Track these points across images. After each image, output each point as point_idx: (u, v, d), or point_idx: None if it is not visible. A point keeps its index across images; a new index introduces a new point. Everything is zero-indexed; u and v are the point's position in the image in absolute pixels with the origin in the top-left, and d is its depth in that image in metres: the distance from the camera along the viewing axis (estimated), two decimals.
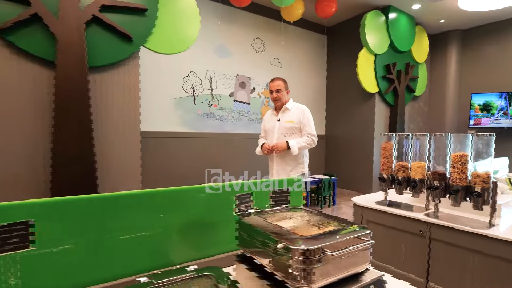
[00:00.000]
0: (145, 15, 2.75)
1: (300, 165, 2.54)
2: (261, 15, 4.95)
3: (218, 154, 4.62)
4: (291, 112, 2.53)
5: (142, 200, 0.86)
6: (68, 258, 0.73)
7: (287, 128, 2.50)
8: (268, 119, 2.69)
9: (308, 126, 2.50)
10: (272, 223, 0.81)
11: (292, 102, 2.60)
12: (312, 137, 2.50)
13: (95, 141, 2.55)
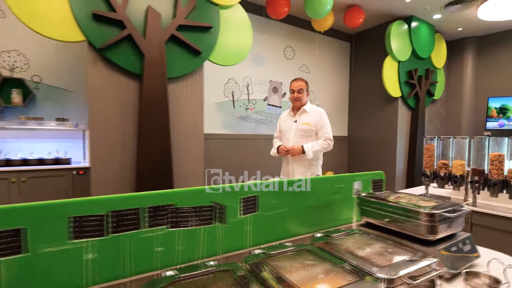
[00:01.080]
0: (210, 32, 3.16)
1: (314, 167, 2.54)
2: (292, 25, 5.33)
3: (253, 154, 5.01)
4: (309, 114, 2.50)
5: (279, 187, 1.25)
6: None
7: (304, 130, 2.48)
8: (284, 119, 2.66)
9: (325, 129, 2.48)
10: (397, 201, 1.20)
11: (310, 104, 2.58)
12: (328, 141, 2.48)
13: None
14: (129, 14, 2.69)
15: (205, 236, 0.96)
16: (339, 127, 6.31)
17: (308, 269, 0.84)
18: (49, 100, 3.52)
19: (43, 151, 3.33)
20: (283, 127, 2.62)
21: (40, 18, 2.39)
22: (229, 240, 1.02)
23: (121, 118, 2.79)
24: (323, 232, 1.14)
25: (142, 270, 0.86)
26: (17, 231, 0.71)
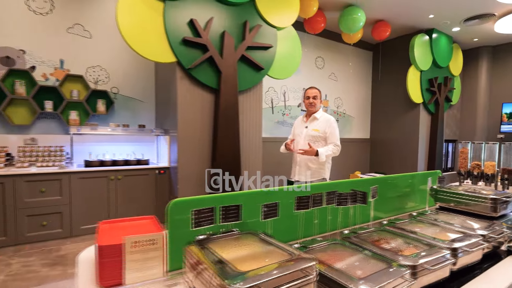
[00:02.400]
0: (269, 51, 3.67)
1: (321, 170, 2.66)
2: (323, 37, 5.83)
3: (290, 155, 5.51)
4: (319, 121, 2.67)
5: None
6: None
7: (313, 136, 2.64)
8: (298, 124, 2.87)
9: (334, 136, 2.61)
10: (466, 190, 1.70)
11: (321, 112, 2.74)
12: (337, 147, 2.62)
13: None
14: (209, 38, 3.21)
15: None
16: (362, 130, 6.81)
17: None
18: (125, 109, 4.06)
19: (123, 153, 3.85)
20: (296, 132, 2.82)
21: (144, 44, 2.91)
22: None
23: (200, 124, 3.31)
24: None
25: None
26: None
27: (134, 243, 1.03)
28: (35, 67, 3.51)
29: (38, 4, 3.50)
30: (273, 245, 0.91)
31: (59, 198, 3.09)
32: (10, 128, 3.39)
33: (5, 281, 2.38)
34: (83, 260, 1.27)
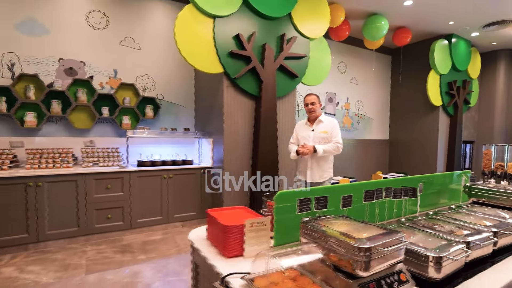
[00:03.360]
0: (303, 60, 4.00)
1: (329, 170, 2.86)
2: (345, 43, 6.12)
3: None
4: (325, 124, 2.79)
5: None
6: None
7: (322, 137, 2.76)
8: (301, 128, 2.95)
9: (336, 135, 2.76)
10: (497, 187, 2.00)
11: (324, 115, 2.88)
12: (337, 144, 2.74)
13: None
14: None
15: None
16: (381, 131, 7.07)
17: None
18: (169, 113, 4.44)
19: (168, 154, 4.24)
20: (300, 135, 2.91)
21: (197, 57, 3.27)
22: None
23: (242, 128, 3.66)
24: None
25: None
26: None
27: (251, 224, 1.38)
28: (93, 76, 3.92)
29: (96, 20, 3.90)
30: (365, 223, 1.24)
31: (121, 194, 3.49)
32: (73, 132, 3.81)
33: (87, 264, 2.78)
34: (194, 240, 1.62)
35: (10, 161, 3.27)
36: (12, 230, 2.98)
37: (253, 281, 1.09)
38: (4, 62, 3.43)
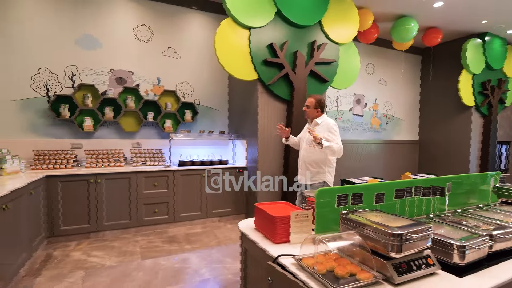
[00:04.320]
0: (332, 64, 4.18)
1: (321, 174, 2.75)
2: (373, 44, 6.18)
3: (341, 157, 5.94)
4: (320, 127, 2.76)
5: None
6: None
7: (312, 140, 2.70)
8: (304, 129, 2.99)
9: (335, 139, 2.68)
10: None
11: (324, 117, 2.81)
12: (337, 146, 2.66)
13: None
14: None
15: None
16: (410, 132, 7.02)
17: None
18: (205, 117, 4.79)
19: (204, 155, 4.58)
20: (301, 136, 2.98)
21: (234, 66, 3.56)
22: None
23: (275, 130, 3.91)
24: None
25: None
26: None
27: (296, 216, 1.62)
28: (140, 84, 4.35)
29: (142, 34, 4.33)
30: (396, 216, 1.44)
31: (166, 191, 3.87)
32: (122, 134, 4.25)
33: (141, 252, 3.16)
34: (244, 229, 1.89)
35: (73, 160, 3.75)
36: (77, 221, 3.44)
37: (301, 260, 1.33)
38: (67, 74, 3.93)
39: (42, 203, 3.14)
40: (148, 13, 4.34)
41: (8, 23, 3.60)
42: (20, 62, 3.68)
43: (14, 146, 3.55)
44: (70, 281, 2.52)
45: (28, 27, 3.70)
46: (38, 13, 3.74)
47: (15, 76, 3.66)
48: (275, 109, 3.90)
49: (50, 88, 3.84)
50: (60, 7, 3.84)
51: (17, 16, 3.64)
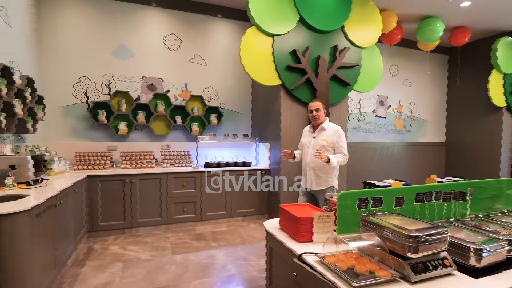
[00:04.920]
0: (354, 68, 4.23)
1: (329, 178, 2.73)
2: (397, 45, 6.11)
3: (364, 158, 5.95)
4: (326, 131, 2.72)
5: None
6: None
7: (321, 145, 2.69)
8: (305, 134, 2.90)
9: (342, 146, 2.67)
10: None
11: (328, 122, 2.78)
12: (345, 156, 2.68)
13: None
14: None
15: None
16: (436, 133, 6.86)
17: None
18: (229, 120, 4.99)
19: (228, 156, 4.78)
20: (304, 142, 2.86)
21: (258, 72, 3.71)
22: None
23: (297, 134, 4.01)
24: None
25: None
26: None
27: (319, 217, 1.74)
28: (169, 90, 4.62)
29: (171, 42, 4.59)
30: (414, 219, 1.53)
31: (193, 191, 4.09)
32: (153, 137, 4.54)
33: (172, 247, 3.39)
34: (269, 228, 2.03)
35: (109, 161, 4.06)
36: (113, 217, 3.74)
37: (324, 258, 1.46)
38: (104, 82, 4.26)
39: (84, 201, 3.45)
40: (176, 23, 4.60)
41: (55, 36, 3.98)
42: (64, 72, 4.05)
43: (59, 148, 3.92)
44: (111, 272, 2.78)
45: (71, 39, 4.06)
46: (79, 27, 4.10)
47: (59, 85, 4.03)
48: (297, 112, 4.02)
49: (89, 95, 4.19)
50: (98, 20, 4.18)
51: (62, 30, 4.01)
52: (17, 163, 2.67)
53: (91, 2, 4.14)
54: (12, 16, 3.20)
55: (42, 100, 3.59)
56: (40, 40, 3.92)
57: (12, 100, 2.79)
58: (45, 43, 3.94)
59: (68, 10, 4.04)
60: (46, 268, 2.27)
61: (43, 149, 3.41)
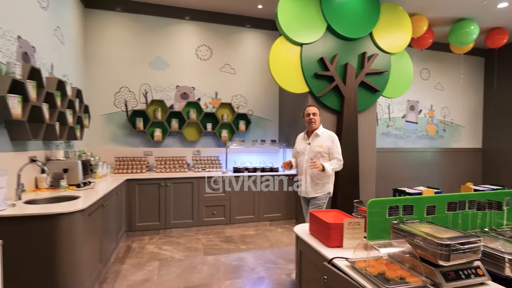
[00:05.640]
0: (383, 74, 4.20)
1: (327, 184, 2.76)
2: (428, 49, 5.95)
3: (393, 164, 5.82)
4: (321, 138, 2.75)
5: None
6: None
7: (316, 151, 2.72)
8: (299, 141, 2.92)
9: (337, 152, 2.72)
10: None
11: (322, 128, 2.82)
12: (340, 162, 2.72)
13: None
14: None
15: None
16: (472, 139, 6.55)
17: None
18: (257, 126, 5.13)
19: (255, 162, 4.90)
20: (299, 149, 2.87)
21: (286, 80, 3.81)
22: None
23: None
24: None
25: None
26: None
27: (349, 223, 1.80)
28: (200, 98, 4.85)
29: (203, 53, 4.83)
30: (446, 228, 1.55)
31: (223, 195, 4.26)
32: (185, 143, 4.78)
33: (204, 248, 3.56)
34: (299, 233, 2.11)
35: (145, 166, 4.34)
36: (149, 218, 3.99)
37: (354, 263, 1.52)
38: (141, 91, 4.57)
39: (124, 202, 3.72)
40: (208, 34, 4.83)
41: (100, 50, 4.36)
42: (107, 83, 4.41)
43: (101, 153, 4.25)
44: (149, 269, 2.99)
45: (114, 52, 4.42)
46: (121, 41, 4.45)
47: (102, 95, 4.39)
48: (324, 119, 4.05)
49: (128, 104, 4.51)
50: (138, 34, 4.51)
51: (105, 43, 4.38)
52: (69, 167, 2.97)
53: (131, 17, 4.48)
54: (65, 34, 3.57)
55: (88, 109, 3.93)
56: (87, 54, 4.30)
57: (65, 110, 3.11)
58: (91, 56, 4.33)
59: (111, 26, 4.41)
60: (94, 262, 2.50)
61: (88, 154, 3.73)
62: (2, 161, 2.29)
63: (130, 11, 4.47)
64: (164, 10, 4.59)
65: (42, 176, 2.81)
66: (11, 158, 2.43)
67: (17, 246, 1.93)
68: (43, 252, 1.99)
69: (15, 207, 2.09)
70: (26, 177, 2.67)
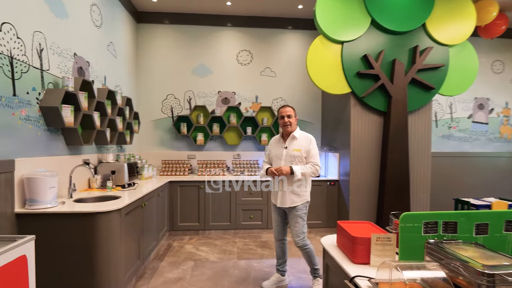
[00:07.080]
0: (440, 69, 3.72)
1: (304, 193, 2.56)
2: (501, 37, 5.11)
3: (457, 171, 5.11)
4: (298, 140, 2.54)
5: None
6: None
7: (294, 156, 2.51)
8: (274, 146, 2.67)
9: (313, 155, 2.51)
10: None
11: (299, 130, 2.62)
12: (316, 167, 2.49)
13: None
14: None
15: None
16: (499, 143, 5.41)
17: None
18: None
19: None
20: (273, 154, 2.64)
21: (326, 81, 3.62)
22: None
23: (369, 144, 3.75)
24: None
25: None
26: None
27: (378, 238, 1.60)
28: (240, 103, 4.91)
29: (243, 58, 4.89)
30: (496, 253, 1.26)
31: (260, 199, 4.22)
32: (225, 147, 4.88)
33: (238, 252, 3.56)
34: (326, 245, 1.95)
35: (188, 168, 4.53)
36: (189, 219, 4.14)
37: (377, 285, 1.33)
38: (186, 98, 4.81)
39: (166, 203, 3.94)
40: (248, 39, 4.88)
41: (149, 60, 4.72)
42: (155, 91, 4.74)
43: (149, 157, 4.58)
44: (183, 269, 3.09)
45: (161, 62, 4.75)
46: (167, 50, 4.75)
47: (151, 102, 4.74)
48: (369, 121, 3.75)
49: (174, 110, 4.79)
50: (182, 43, 4.78)
51: (154, 54, 4.73)
52: (116, 169, 3.24)
53: (177, 28, 4.76)
54: (117, 48, 3.94)
55: (137, 116, 4.27)
56: (137, 65, 4.70)
57: (115, 117, 3.41)
58: (141, 67, 4.71)
59: (159, 37, 4.74)
60: (132, 259, 2.67)
61: (137, 157, 4.04)
62: (60, 163, 2.60)
63: (176, 23, 4.75)
64: (207, 19, 4.77)
65: (94, 177, 3.12)
66: (67, 160, 2.74)
67: (62, 239, 2.16)
68: (83, 246, 2.19)
69: (64, 205, 2.34)
70: (80, 178, 2.99)
